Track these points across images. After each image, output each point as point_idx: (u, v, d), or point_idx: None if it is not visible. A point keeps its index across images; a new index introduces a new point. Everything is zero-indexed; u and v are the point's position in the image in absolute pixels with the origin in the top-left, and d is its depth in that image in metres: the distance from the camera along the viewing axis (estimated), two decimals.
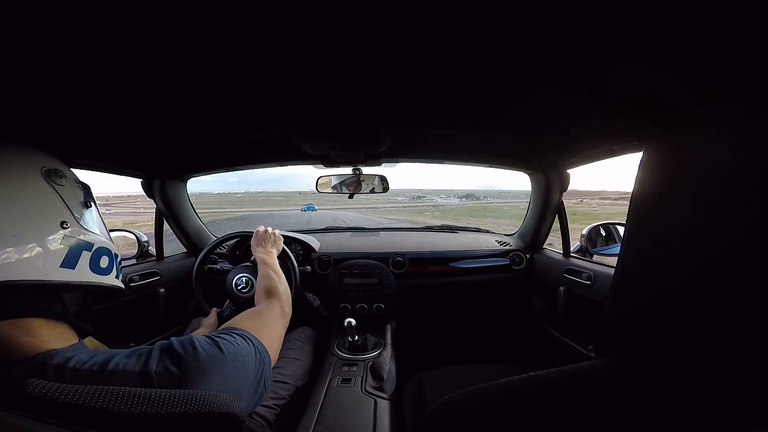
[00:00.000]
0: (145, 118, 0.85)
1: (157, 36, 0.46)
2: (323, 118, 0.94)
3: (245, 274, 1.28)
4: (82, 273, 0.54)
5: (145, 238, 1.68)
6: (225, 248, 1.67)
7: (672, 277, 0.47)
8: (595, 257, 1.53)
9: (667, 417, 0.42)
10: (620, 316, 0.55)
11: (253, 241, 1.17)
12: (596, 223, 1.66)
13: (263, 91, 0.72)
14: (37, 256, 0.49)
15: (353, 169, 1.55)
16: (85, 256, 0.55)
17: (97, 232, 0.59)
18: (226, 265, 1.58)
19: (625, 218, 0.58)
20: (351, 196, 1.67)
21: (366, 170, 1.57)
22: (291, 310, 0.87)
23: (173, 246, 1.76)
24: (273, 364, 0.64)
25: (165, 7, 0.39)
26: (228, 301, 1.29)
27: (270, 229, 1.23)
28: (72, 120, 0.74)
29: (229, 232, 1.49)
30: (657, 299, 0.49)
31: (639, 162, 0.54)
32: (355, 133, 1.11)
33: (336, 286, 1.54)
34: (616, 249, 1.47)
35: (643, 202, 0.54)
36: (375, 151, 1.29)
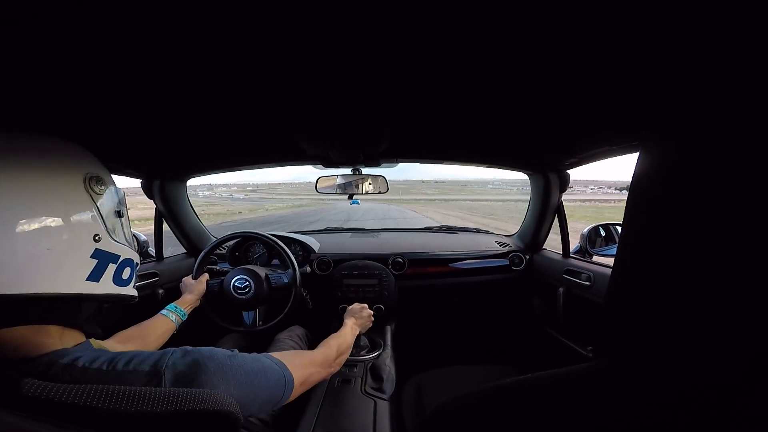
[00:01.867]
0: (144, 118, 0.85)
1: (158, 36, 0.46)
2: (323, 119, 0.94)
3: (244, 276, 1.27)
4: (105, 285, 0.54)
5: (144, 238, 1.67)
6: (224, 249, 1.67)
7: (669, 276, 0.47)
8: (595, 258, 1.53)
9: (664, 418, 0.42)
10: (617, 316, 0.55)
11: (350, 312, 1.17)
12: (596, 224, 1.66)
13: (263, 91, 0.72)
14: (67, 270, 0.48)
15: (353, 170, 1.56)
16: (111, 269, 0.54)
17: (124, 242, 0.59)
18: (225, 266, 1.58)
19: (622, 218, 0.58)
20: (351, 197, 1.67)
21: (365, 171, 1.57)
22: (338, 369, 0.88)
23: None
24: (295, 395, 0.64)
25: (167, 8, 0.39)
26: (219, 279, 1.29)
27: (371, 313, 1.22)
28: (71, 120, 0.74)
29: (228, 233, 1.49)
30: (654, 299, 0.49)
31: (636, 161, 0.54)
32: (354, 134, 1.11)
33: (335, 287, 1.54)
34: (615, 250, 1.46)
35: (640, 202, 0.54)
36: (375, 151, 1.29)
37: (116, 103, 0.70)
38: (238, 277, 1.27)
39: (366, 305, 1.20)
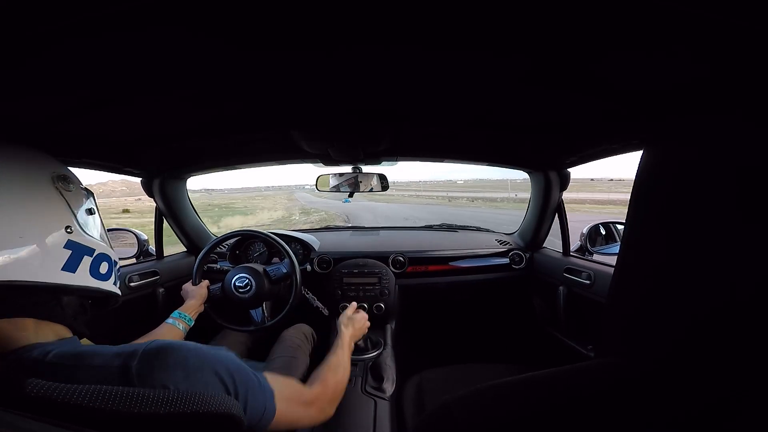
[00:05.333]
0: (145, 117, 0.85)
1: (158, 35, 0.46)
2: (323, 118, 0.94)
3: (243, 274, 1.27)
4: (82, 277, 0.55)
5: (144, 237, 1.67)
6: (225, 248, 1.67)
7: (671, 276, 0.47)
8: (595, 256, 1.53)
9: (665, 416, 0.42)
10: (619, 315, 0.55)
11: (345, 316, 1.08)
12: (596, 222, 1.66)
13: (263, 90, 0.71)
14: (40, 258, 0.49)
15: (353, 168, 1.55)
16: (86, 261, 0.56)
17: (98, 238, 0.60)
18: (225, 265, 1.58)
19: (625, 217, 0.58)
20: (351, 195, 1.67)
21: (366, 169, 1.57)
22: (331, 413, 0.73)
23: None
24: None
25: (168, 6, 0.39)
26: (220, 284, 1.29)
27: (366, 317, 1.12)
28: (72, 119, 0.74)
29: (226, 233, 1.49)
30: (656, 299, 0.49)
31: (639, 161, 0.54)
32: (354, 132, 1.11)
33: (336, 286, 1.54)
34: (616, 248, 1.46)
35: (642, 202, 0.53)
36: (375, 149, 1.29)
37: (117, 103, 0.70)
38: (238, 276, 1.27)
39: (362, 310, 1.13)
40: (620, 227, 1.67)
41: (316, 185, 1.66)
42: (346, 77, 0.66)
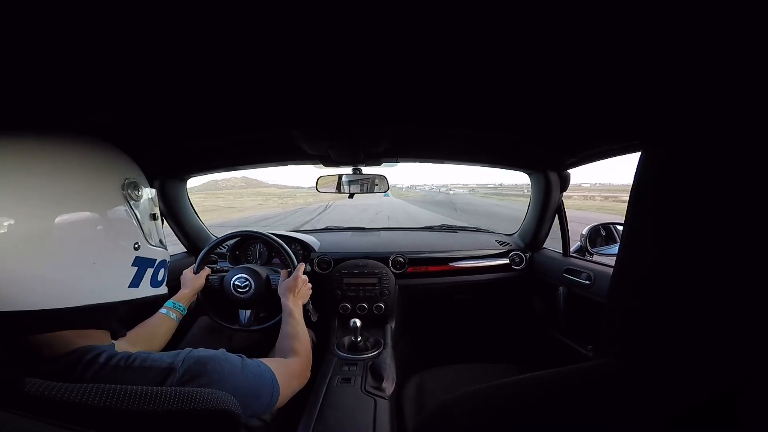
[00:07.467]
0: (144, 118, 0.85)
1: (158, 37, 0.46)
2: (323, 119, 0.94)
3: (245, 275, 1.28)
4: (144, 289, 0.55)
5: None
6: (225, 248, 1.67)
7: (670, 277, 0.47)
8: (595, 257, 1.53)
9: (665, 416, 0.42)
10: (618, 316, 0.55)
11: (282, 284, 1.12)
12: (596, 223, 1.66)
13: (263, 91, 0.72)
14: (110, 281, 0.50)
15: (353, 169, 1.56)
16: (148, 273, 0.56)
17: (159, 245, 0.59)
18: (225, 265, 1.58)
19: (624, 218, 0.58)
20: (351, 196, 1.67)
21: (366, 170, 1.57)
22: (310, 374, 0.83)
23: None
24: (277, 407, 0.64)
25: (168, 9, 0.39)
26: (219, 276, 1.30)
27: (306, 279, 1.18)
28: (72, 120, 0.74)
29: (228, 232, 1.49)
30: (655, 299, 0.49)
31: (637, 161, 0.54)
32: (355, 133, 1.11)
33: (336, 286, 1.54)
34: (616, 249, 1.46)
35: (641, 202, 0.54)
36: (375, 150, 1.29)
37: (117, 104, 0.70)
38: (239, 276, 1.28)
39: (300, 273, 1.16)
40: (620, 228, 1.67)
41: (316, 186, 1.66)
42: (346, 78, 0.66)
